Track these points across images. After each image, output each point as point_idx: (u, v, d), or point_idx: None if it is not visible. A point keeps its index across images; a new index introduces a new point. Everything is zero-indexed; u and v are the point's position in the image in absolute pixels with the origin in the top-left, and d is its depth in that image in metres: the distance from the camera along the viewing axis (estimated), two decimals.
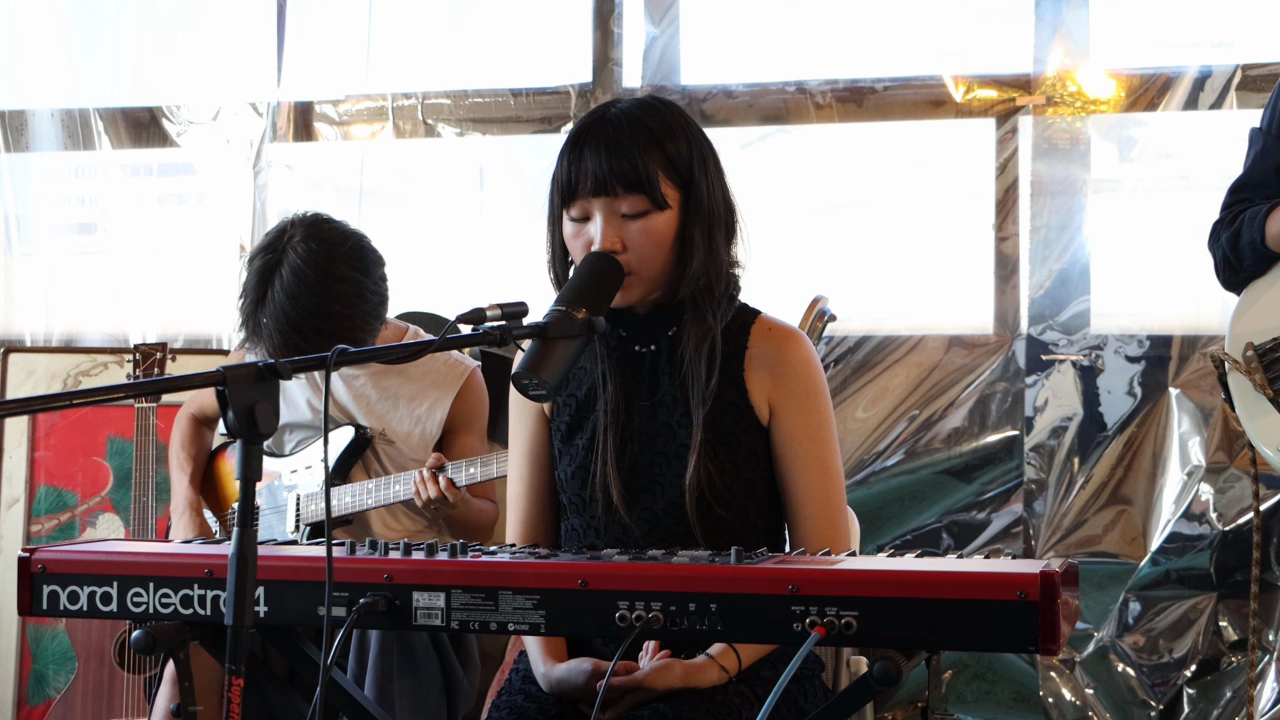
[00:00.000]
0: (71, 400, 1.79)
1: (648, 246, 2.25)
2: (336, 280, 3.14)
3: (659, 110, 2.29)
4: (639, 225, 2.24)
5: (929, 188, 4.24)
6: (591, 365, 2.36)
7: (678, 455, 2.30)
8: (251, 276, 3.20)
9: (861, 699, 2.01)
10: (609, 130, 2.24)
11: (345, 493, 3.32)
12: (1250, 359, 2.47)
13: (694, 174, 2.28)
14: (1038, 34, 4.07)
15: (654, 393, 2.33)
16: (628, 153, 2.22)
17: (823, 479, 2.33)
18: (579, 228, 2.27)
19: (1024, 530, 4.02)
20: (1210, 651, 3.88)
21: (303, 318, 3.11)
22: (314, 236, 3.19)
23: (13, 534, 4.38)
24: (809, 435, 2.32)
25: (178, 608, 2.07)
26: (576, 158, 2.25)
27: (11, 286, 4.81)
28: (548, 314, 2.11)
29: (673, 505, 2.30)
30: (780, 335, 2.35)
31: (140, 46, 4.77)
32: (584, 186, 2.23)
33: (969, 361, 4.11)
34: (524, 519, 2.45)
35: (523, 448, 2.46)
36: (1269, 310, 2.53)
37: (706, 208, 2.28)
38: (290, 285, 3.12)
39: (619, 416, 2.32)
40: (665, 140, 2.25)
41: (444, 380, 3.43)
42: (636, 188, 2.23)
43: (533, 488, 2.45)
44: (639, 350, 2.35)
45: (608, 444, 2.31)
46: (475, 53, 4.55)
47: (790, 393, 2.32)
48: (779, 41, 4.29)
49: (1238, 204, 2.70)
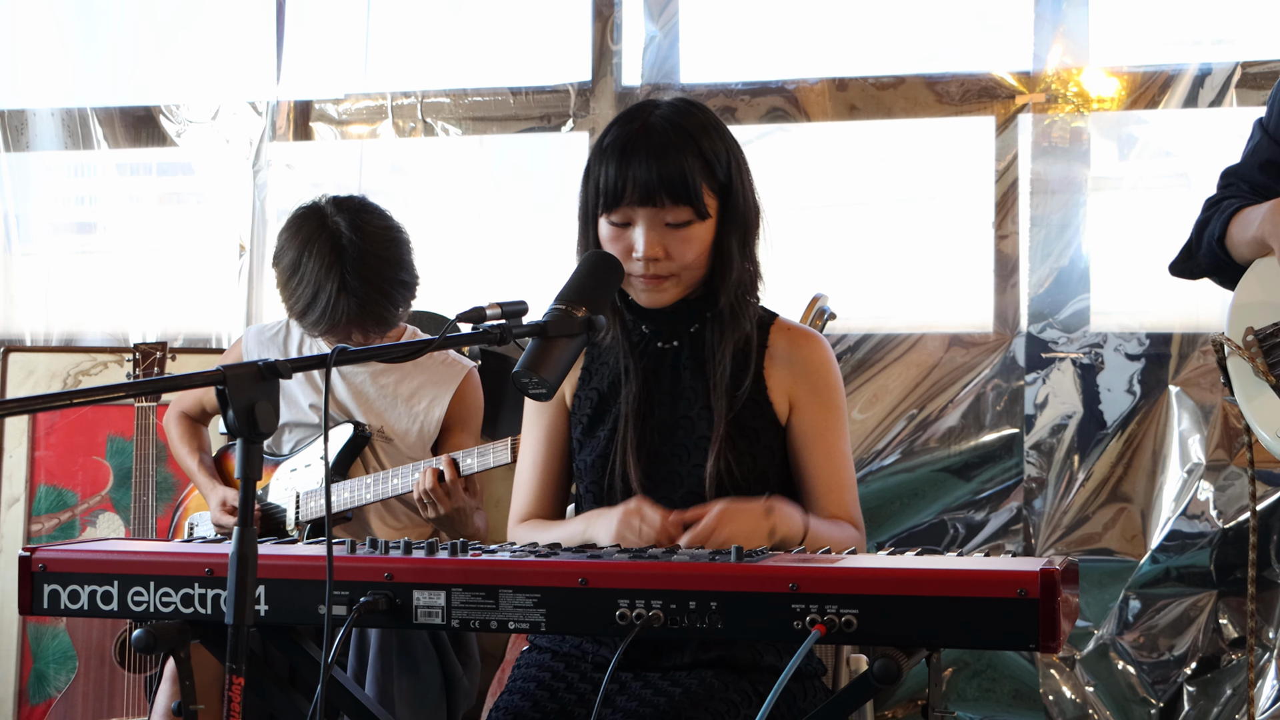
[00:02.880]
0: (71, 400, 1.79)
1: (689, 254, 2.32)
2: (399, 232, 3.33)
3: (697, 117, 2.34)
4: (682, 234, 2.31)
5: (928, 186, 4.24)
6: (615, 359, 2.42)
7: (697, 446, 2.36)
8: (311, 256, 3.24)
9: (862, 697, 2.02)
10: (654, 139, 2.29)
11: (344, 488, 3.32)
12: (1250, 343, 2.47)
13: (731, 181, 2.34)
14: (1037, 32, 4.07)
15: (675, 386, 2.40)
16: (675, 163, 2.27)
17: (836, 471, 2.39)
18: (619, 232, 2.32)
19: (1024, 528, 4.03)
20: (1210, 649, 3.89)
21: (391, 271, 3.24)
22: (353, 206, 3.32)
23: (13, 533, 4.38)
24: (826, 428, 2.39)
25: (178, 607, 2.07)
26: (623, 165, 2.28)
27: (11, 286, 4.81)
28: (547, 312, 2.11)
29: (690, 494, 2.35)
30: (799, 335, 2.43)
31: (139, 46, 4.77)
32: (630, 196, 2.28)
33: (968, 360, 4.11)
34: (531, 500, 2.48)
35: (540, 433, 2.50)
36: (1270, 294, 2.53)
37: (741, 214, 2.36)
38: (366, 246, 3.23)
39: (640, 408, 2.38)
40: (706, 149, 2.31)
41: (442, 379, 3.44)
42: (683, 199, 2.28)
43: (545, 471, 2.49)
44: (661, 346, 2.42)
45: (628, 434, 2.37)
46: (474, 51, 4.55)
47: (811, 388, 2.39)
48: (778, 40, 4.29)
49: (1226, 188, 2.72)
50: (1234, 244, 2.61)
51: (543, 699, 2.29)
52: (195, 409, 3.64)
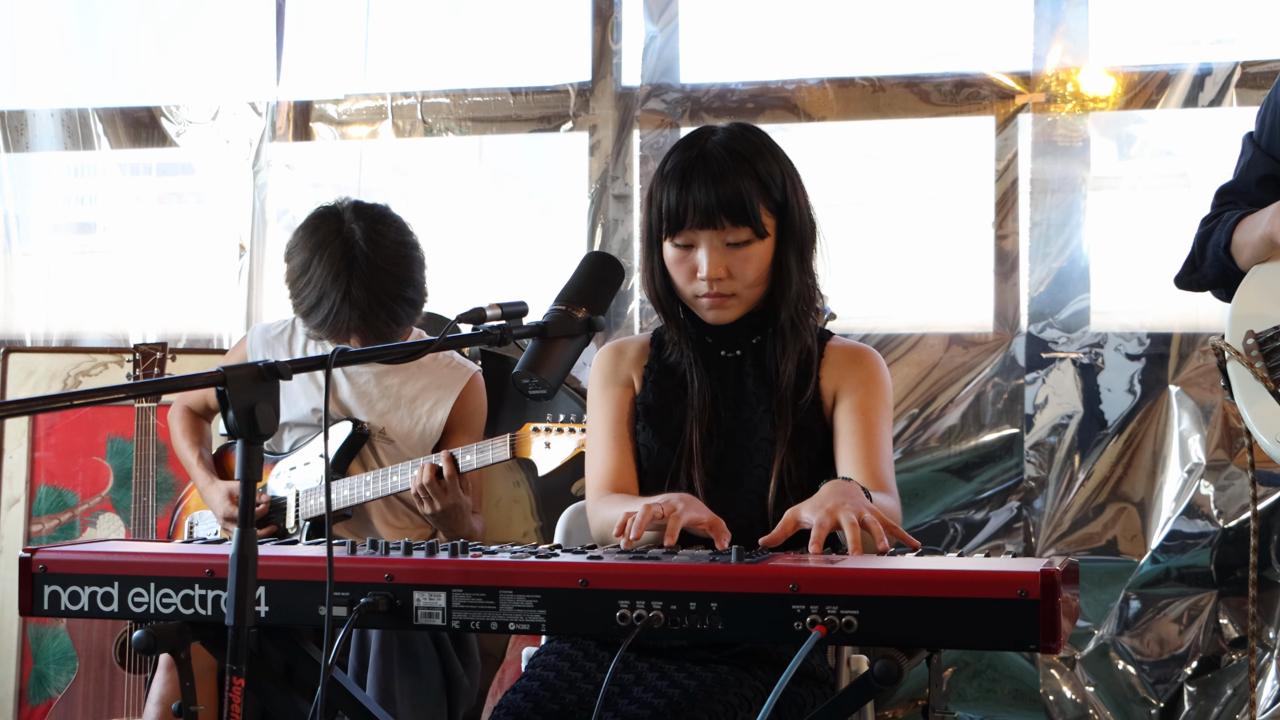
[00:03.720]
0: (72, 400, 1.80)
1: (751, 273, 2.43)
2: (414, 248, 3.33)
3: (752, 141, 2.46)
4: (742, 254, 2.42)
5: (928, 185, 4.24)
6: (679, 357, 2.52)
7: (759, 449, 2.47)
8: (321, 260, 3.24)
9: (862, 698, 2.02)
10: (713, 165, 2.40)
11: (344, 486, 3.33)
12: (1250, 347, 2.47)
13: (787, 199, 2.45)
14: (1037, 31, 4.06)
15: (740, 391, 2.50)
16: (733, 187, 2.39)
17: (874, 445, 2.45)
18: (683, 254, 2.43)
19: (1024, 528, 4.02)
20: (1211, 649, 3.88)
21: (398, 288, 3.25)
22: (371, 216, 3.31)
23: (13, 534, 4.38)
24: (869, 408, 2.48)
25: (179, 608, 2.07)
26: (684, 190, 2.40)
27: (11, 286, 4.81)
28: (548, 313, 2.12)
29: (749, 494, 2.45)
30: (856, 348, 2.56)
31: (139, 46, 4.76)
32: (691, 219, 2.39)
33: (968, 359, 4.11)
34: (610, 471, 2.53)
35: (613, 409, 2.56)
36: (1270, 298, 2.53)
37: (798, 231, 2.47)
38: (376, 259, 3.23)
39: (705, 413, 2.48)
40: (761, 171, 2.42)
41: (446, 382, 3.44)
42: (742, 220, 2.39)
43: (620, 441, 2.54)
44: (724, 355, 2.53)
45: (695, 441, 2.46)
46: (474, 52, 4.55)
47: (859, 381, 2.50)
48: (778, 39, 4.29)
49: (1224, 207, 2.71)
50: (1239, 249, 2.61)
51: (545, 699, 2.29)
52: (199, 404, 3.65)
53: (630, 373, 2.56)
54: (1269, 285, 2.55)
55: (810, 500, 2.22)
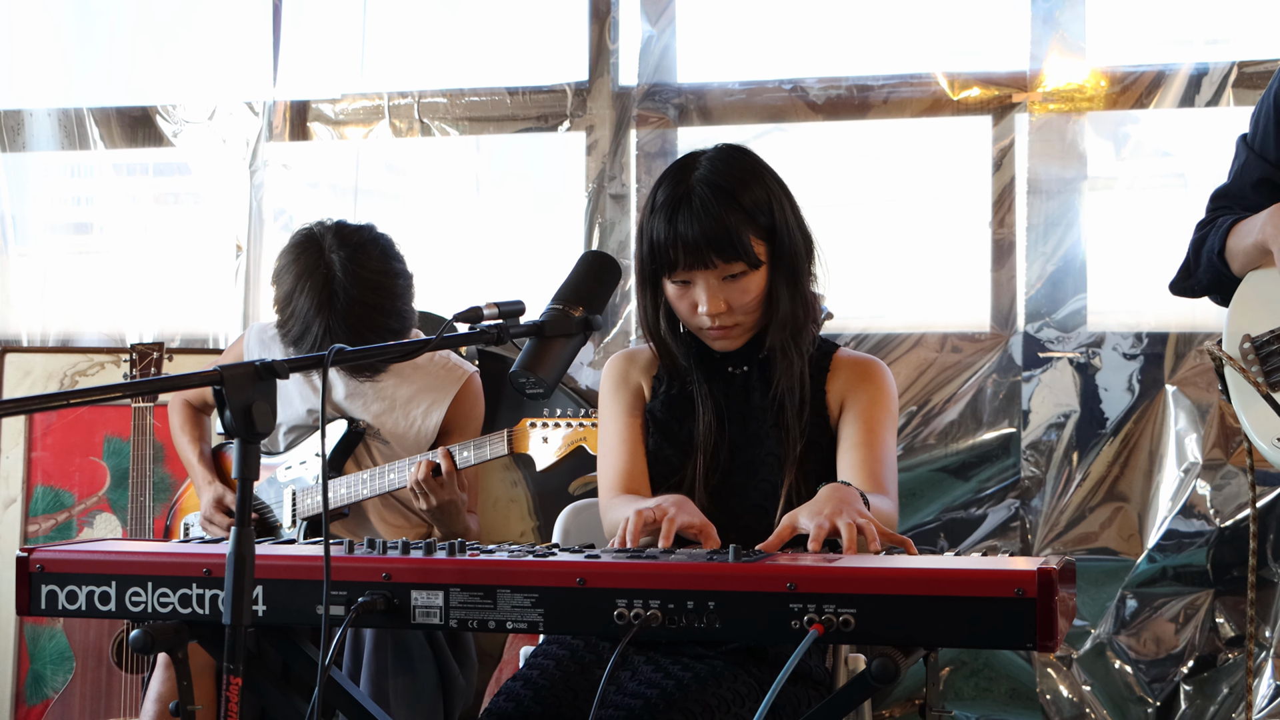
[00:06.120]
0: (68, 400, 1.79)
1: (750, 302, 2.46)
2: (396, 276, 3.27)
3: (735, 169, 2.45)
4: (740, 285, 2.44)
5: (925, 185, 4.24)
6: (685, 366, 2.54)
7: (764, 463, 2.49)
8: (303, 292, 3.23)
9: (860, 696, 2.02)
10: (696, 203, 2.40)
11: (340, 484, 3.33)
12: (1246, 351, 2.47)
13: (775, 223, 2.46)
14: (1033, 31, 4.06)
15: (746, 406, 2.53)
16: (719, 223, 2.39)
17: (875, 448, 2.47)
18: (683, 290, 2.46)
19: (1021, 527, 4.03)
20: (1207, 648, 3.89)
21: (379, 320, 3.22)
22: (352, 243, 3.26)
23: (10, 534, 4.38)
24: (872, 415, 2.50)
25: (176, 607, 2.07)
26: (671, 229, 2.41)
27: (8, 286, 4.80)
28: (545, 313, 2.12)
29: (755, 506, 2.47)
30: (863, 360, 2.59)
31: (136, 46, 4.76)
32: (684, 260, 2.41)
33: (965, 359, 4.11)
34: (623, 472, 2.54)
35: (625, 412, 2.58)
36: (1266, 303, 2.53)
37: (789, 252, 2.48)
38: (355, 293, 3.20)
39: (710, 435, 2.50)
40: (747, 201, 2.43)
41: (442, 383, 3.44)
42: (733, 256, 2.40)
43: (633, 444, 2.56)
44: (731, 371, 2.55)
45: (700, 462, 2.49)
46: (471, 51, 4.54)
47: (864, 390, 2.53)
48: (775, 40, 4.29)
49: (1218, 211, 2.71)
50: (1233, 254, 2.60)
51: (544, 688, 2.30)
52: (198, 399, 3.65)
53: (641, 380, 2.59)
54: (1263, 292, 2.55)
55: (807, 505, 2.22)
